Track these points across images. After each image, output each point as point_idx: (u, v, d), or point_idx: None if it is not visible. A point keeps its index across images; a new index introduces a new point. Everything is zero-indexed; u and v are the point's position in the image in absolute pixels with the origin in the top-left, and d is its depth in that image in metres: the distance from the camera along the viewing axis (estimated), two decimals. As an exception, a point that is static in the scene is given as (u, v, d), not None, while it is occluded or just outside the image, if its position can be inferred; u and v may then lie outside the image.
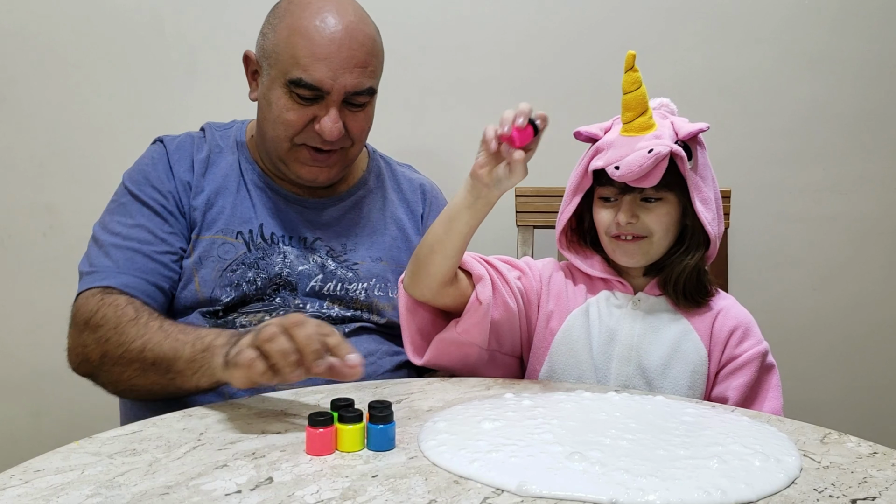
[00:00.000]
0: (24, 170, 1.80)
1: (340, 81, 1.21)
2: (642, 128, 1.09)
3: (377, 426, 0.83)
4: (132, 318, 1.11)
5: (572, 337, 1.16)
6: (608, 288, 1.19)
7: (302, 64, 1.20)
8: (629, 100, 1.09)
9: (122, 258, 1.20)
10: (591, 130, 1.17)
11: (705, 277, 1.16)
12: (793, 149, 1.76)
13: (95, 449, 0.83)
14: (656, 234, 1.12)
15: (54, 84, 1.77)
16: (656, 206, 1.12)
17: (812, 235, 1.78)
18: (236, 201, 1.29)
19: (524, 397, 0.98)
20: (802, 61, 1.74)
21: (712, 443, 0.83)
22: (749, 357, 1.12)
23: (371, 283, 1.31)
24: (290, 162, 1.28)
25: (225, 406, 0.98)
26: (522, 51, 1.75)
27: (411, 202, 1.42)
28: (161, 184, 1.27)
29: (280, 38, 1.23)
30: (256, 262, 1.26)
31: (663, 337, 1.14)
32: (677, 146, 1.08)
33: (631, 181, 1.08)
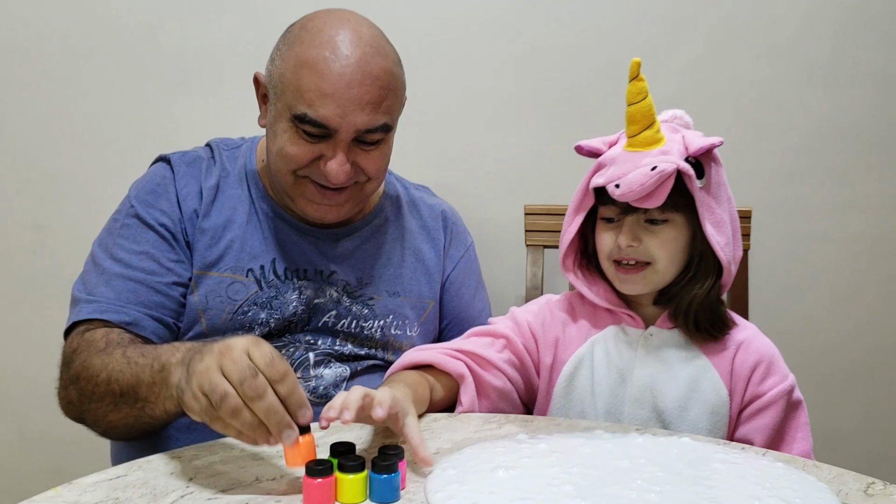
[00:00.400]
0: (12, 187, 1.75)
1: (349, 120, 1.10)
2: (648, 142, 1.00)
3: (380, 476, 0.76)
4: (101, 348, 1.03)
5: (573, 384, 1.08)
6: (616, 321, 1.10)
7: (307, 99, 1.09)
8: (634, 112, 1.00)
9: (126, 290, 1.11)
10: (592, 145, 1.07)
11: (721, 308, 1.07)
12: (812, 166, 1.70)
13: (75, 497, 0.77)
14: (660, 262, 1.03)
15: (43, 98, 1.72)
16: (662, 229, 1.02)
17: (834, 256, 1.71)
18: (245, 235, 1.19)
19: (539, 439, 0.91)
20: (820, 75, 1.68)
21: (748, 496, 0.76)
22: (774, 396, 1.04)
23: (388, 320, 1.23)
24: (296, 197, 1.17)
25: (216, 446, 0.91)
26: (530, 62, 1.68)
27: (433, 230, 1.33)
28: (169, 207, 1.18)
29: (287, 68, 1.12)
30: (269, 301, 1.17)
31: (679, 375, 1.05)
32: (686, 163, 0.99)
33: (632, 201, 0.99)
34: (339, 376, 1.19)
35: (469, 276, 1.36)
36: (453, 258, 1.34)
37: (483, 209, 1.70)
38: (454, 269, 1.33)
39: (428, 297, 1.29)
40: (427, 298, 1.29)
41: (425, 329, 1.29)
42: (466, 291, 1.35)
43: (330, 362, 1.19)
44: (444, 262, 1.32)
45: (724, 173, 1.07)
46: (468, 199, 1.70)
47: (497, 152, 1.70)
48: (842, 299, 1.72)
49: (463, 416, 1.04)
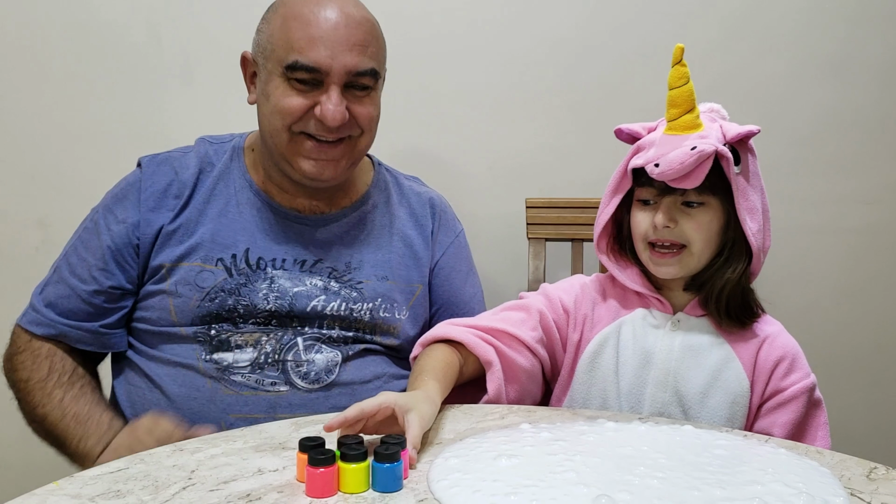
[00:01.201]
0: (16, 183, 1.74)
1: (340, 60, 1.14)
2: (688, 126, 1.01)
3: (383, 465, 0.76)
4: (42, 378, 1.18)
5: (597, 362, 1.09)
6: (644, 305, 1.11)
7: (297, 47, 1.14)
8: (675, 96, 1.01)
9: (63, 295, 1.21)
10: (633, 128, 1.09)
11: (751, 296, 1.08)
12: (815, 158, 1.69)
13: (76, 490, 0.76)
14: (696, 244, 1.04)
15: (47, 95, 1.72)
16: (698, 211, 1.03)
17: (837, 248, 1.71)
18: (219, 226, 1.22)
19: (542, 428, 0.91)
20: (824, 66, 1.67)
21: (751, 481, 0.76)
22: (796, 391, 1.05)
23: (376, 303, 1.24)
24: (292, 156, 1.19)
25: (219, 438, 0.91)
26: (533, 56, 1.68)
27: (420, 217, 1.34)
28: (124, 212, 1.22)
29: (274, 28, 1.17)
30: (237, 288, 1.19)
31: (704, 362, 1.06)
32: (724, 147, 1.00)
33: (671, 180, 1.00)
34: (331, 361, 1.19)
35: (459, 262, 1.37)
36: (442, 244, 1.35)
37: (485, 203, 1.70)
38: (443, 254, 1.35)
39: (416, 281, 1.30)
40: (415, 283, 1.30)
41: (415, 313, 1.29)
42: (457, 277, 1.36)
43: (320, 347, 1.20)
44: (433, 247, 1.34)
45: (758, 165, 1.08)
46: (470, 193, 1.70)
47: (499, 146, 1.70)
48: (844, 291, 1.72)
49: (465, 408, 1.04)
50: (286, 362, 1.18)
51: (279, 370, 1.17)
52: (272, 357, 1.17)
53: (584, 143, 1.68)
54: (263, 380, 1.17)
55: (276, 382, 1.17)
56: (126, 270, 1.22)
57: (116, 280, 1.21)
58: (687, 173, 0.98)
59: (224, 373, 1.16)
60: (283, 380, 1.17)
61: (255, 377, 1.17)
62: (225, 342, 1.17)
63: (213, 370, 1.16)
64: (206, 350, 1.17)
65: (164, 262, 1.20)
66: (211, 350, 1.17)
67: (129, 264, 1.22)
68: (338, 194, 1.29)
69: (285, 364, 1.17)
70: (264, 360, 1.17)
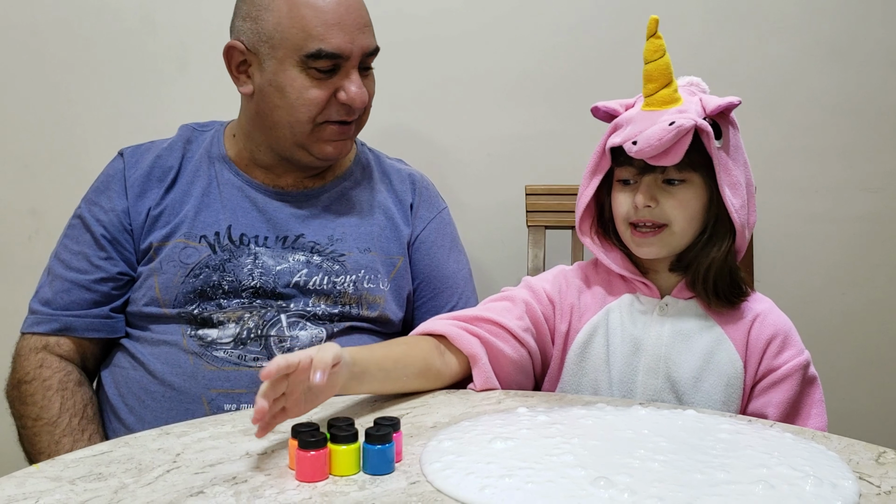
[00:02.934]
0: (9, 172, 1.73)
1: (358, 43, 1.16)
2: (666, 101, 0.97)
3: (374, 447, 0.73)
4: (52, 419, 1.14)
5: (587, 352, 1.06)
6: (631, 290, 1.07)
7: (316, 34, 1.14)
8: (651, 69, 0.98)
9: (62, 290, 1.21)
10: (609, 106, 1.05)
11: (738, 275, 1.04)
12: (818, 145, 1.67)
13: (56, 473, 0.74)
14: (677, 223, 1.00)
15: (40, 82, 1.70)
16: (679, 189, 1.00)
17: (840, 235, 1.68)
18: (202, 205, 1.22)
19: (539, 412, 0.88)
20: (827, 52, 1.64)
21: (756, 464, 0.73)
22: (790, 369, 1.01)
23: (360, 274, 1.23)
24: (313, 144, 1.21)
25: (207, 423, 0.89)
26: (531, 41, 1.66)
27: (400, 192, 1.34)
28: (110, 202, 1.23)
29: (281, 16, 1.15)
30: (222, 264, 1.19)
31: (694, 346, 1.02)
32: (703, 121, 0.96)
33: (650, 158, 0.96)
34: (315, 337, 1.18)
35: (442, 237, 1.35)
36: (423, 219, 1.34)
37: (484, 190, 1.68)
38: (424, 229, 1.33)
39: (397, 253, 1.29)
40: (396, 255, 1.29)
41: (397, 284, 1.28)
42: (439, 252, 1.34)
43: (304, 324, 1.19)
44: (413, 221, 1.33)
45: (741, 137, 1.05)
46: (469, 181, 1.68)
47: (498, 133, 1.68)
48: (846, 278, 1.69)
49: (461, 392, 1.01)
50: (269, 338, 1.16)
51: (262, 346, 1.16)
52: (255, 332, 1.17)
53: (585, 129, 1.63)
54: (246, 355, 1.16)
55: (258, 358, 1.16)
56: (125, 256, 1.22)
57: (121, 266, 1.22)
58: (666, 150, 0.94)
59: (207, 348, 1.16)
60: (266, 355, 1.16)
61: (237, 353, 1.16)
62: (208, 319, 1.17)
63: (195, 346, 1.16)
64: (192, 327, 1.17)
65: (151, 243, 1.20)
66: (196, 326, 1.17)
67: (127, 250, 1.22)
68: (326, 171, 1.29)
69: (268, 339, 1.16)
70: (247, 336, 1.16)
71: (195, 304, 1.17)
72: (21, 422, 1.18)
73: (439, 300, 1.33)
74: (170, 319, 1.18)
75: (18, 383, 1.18)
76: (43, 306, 1.21)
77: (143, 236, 1.21)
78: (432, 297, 1.33)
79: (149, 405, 1.15)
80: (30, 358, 1.18)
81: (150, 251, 1.20)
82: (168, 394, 1.14)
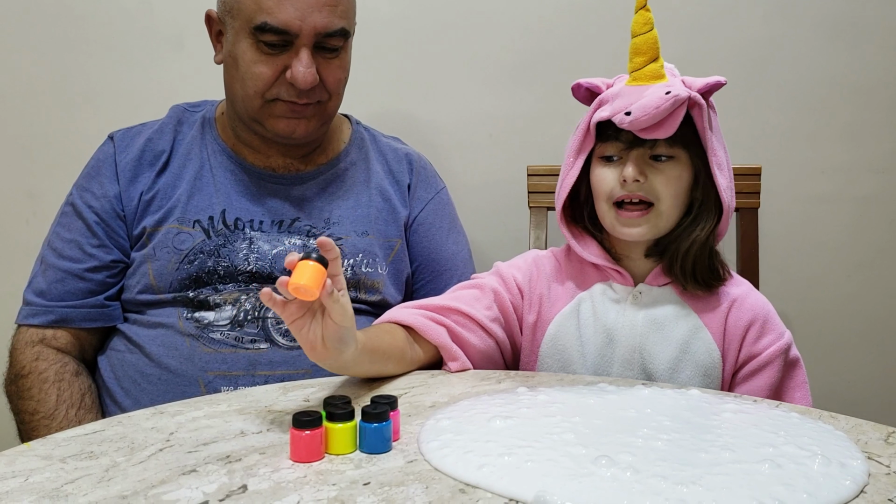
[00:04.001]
0: (6, 155, 1.71)
1: (309, 21, 1.11)
2: (653, 76, 0.95)
3: (371, 425, 0.72)
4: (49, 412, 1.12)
5: (560, 345, 1.03)
6: (603, 279, 1.04)
7: (265, 7, 1.10)
8: (640, 43, 0.95)
9: (56, 279, 1.19)
10: (593, 82, 1.02)
11: (718, 258, 1.01)
12: (824, 125, 1.64)
13: (47, 452, 0.72)
14: (664, 201, 0.97)
15: (35, 63, 1.68)
16: (667, 165, 0.97)
17: (847, 217, 1.66)
18: (194, 189, 1.20)
19: (540, 392, 0.86)
20: (833, 32, 1.62)
21: (762, 443, 0.72)
22: (771, 354, 0.99)
23: (357, 258, 1.21)
24: (265, 119, 1.18)
25: (202, 402, 0.87)
26: (531, 21, 1.63)
27: (396, 172, 1.31)
28: (101, 188, 1.20)
29: None
30: (217, 249, 1.17)
31: (670, 335, 0.99)
32: (697, 94, 0.94)
33: (642, 130, 0.93)
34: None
35: (441, 218, 1.33)
36: (421, 199, 1.32)
37: (485, 171, 1.66)
38: (422, 210, 1.31)
39: (394, 236, 1.28)
40: (394, 238, 1.27)
41: (395, 268, 1.27)
42: (437, 233, 1.32)
43: None
44: (411, 203, 1.31)
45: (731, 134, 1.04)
46: (470, 161, 1.66)
47: (499, 113, 1.65)
48: (854, 259, 1.67)
49: (461, 373, 1.00)
50: (266, 319, 1.15)
51: (259, 327, 1.15)
52: (252, 314, 1.15)
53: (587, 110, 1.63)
54: (243, 337, 1.14)
55: (255, 340, 1.14)
56: (119, 243, 1.20)
57: (115, 254, 1.20)
58: (660, 121, 0.91)
59: (203, 331, 1.14)
60: (263, 337, 1.15)
61: (234, 334, 1.14)
62: (205, 302, 1.15)
63: (192, 328, 1.14)
64: (188, 310, 1.15)
65: (145, 228, 1.18)
66: (192, 309, 1.15)
67: (120, 236, 1.20)
68: (314, 152, 1.27)
69: (265, 321, 1.15)
70: (244, 318, 1.15)
71: (190, 288, 1.16)
72: (20, 417, 1.16)
73: (438, 282, 1.31)
74: (166, 303, 1.16)
75: (15, 377, 1.17)
76: (37, 297, 1.19)
77: (135, 221, 1.19)
78: (431, 280, 1.31)
79: (145, 388, 1.14)
80: (26, 351, 1.17)
81: (143, 236, 1.18)
82: (164, 376, 1.13)
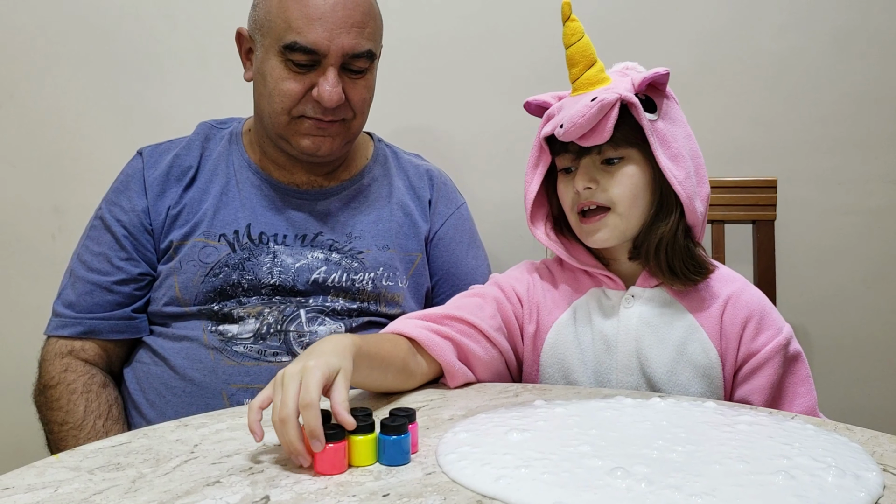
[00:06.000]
0: (32, 171, 1.75)
1: (337, 42, 1.14)
2: (593, 82, 0.96)
3: (390, 437, 0.73)
4: (77, 422, 1.15)
5: (559, 353, 1.03)
6: (596, 284, 1.04)
7: (295, 27, 1.13)
8: (573, 53, 0.97)
9: (84, 292, 1.21)
10: (541, 98, 1.04)
11: (697, 250, 1.01)
12: (840, 136, 1.64)
13: (75, 463, 0.75)
14: (621, 203, 0.98)
15: (61, 83, 1.72)
16: (618, 168, 0.98)
17: (864, 228, 1.65)
18: (221, 203, 1.23)
19: (557, 404, 0.88)
20: (848, 42, 1.62)
21: (776, 455, 0.72)
22: (770, 351, 0.98)
23: (378, 272, 1.23)
24: (291, 136, 1.20)
25: (225, 414, 0.89)
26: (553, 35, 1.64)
27: (418, 188, 1.34)
28: (130, 202, 1.23)
29: (271, 5, 1.17)
30: (241, 262, 1.20)
31: (666, 337, 0.99)
32: (628, 94, 0.94)
33: (578, 139, 0.94)
34: (334, 332, 1.18)
35: (460, 233, 1.35)
36: (442, 214, 1.34)
37: (502, 185, 1.67)
38: (443, 225, 1.33)
39: (415, 250, 1.30)
40: (414, 252, 1.29)
41: (415, 282, 1.29)
42: (458, 248, 1.34)
43: (323, 319, 1.19)
44: (432, 217, 1.33)
45: (681, 111, 1.03)
46: (486, 176, 1.67)
47: (514, 127, 1.66)
48: (872, 271, 1.66)
49: (479, 386, 1.01)
50: (288, 332, 1.17)
51: (281, 340, 1.17)
52: (274, 328, 1.17)
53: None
54: (265, 350, 1.16)
55: (277, 353, 1.16)
56: (146, 256, 1.23)
57: (143, 267, 1.22)
58: (593, 128, 0.93)
59: (227, 344, 1.16)
60: (286, 350, 1.16)
61: (256, 347, 1.16)
62: (229, 315, 1.17)
63: (216, 341, 1.16)
64: (212, 323, 1.18)
65: (171, 241, 1.21)
66: (216, 322, 1.18)
67: (147, 250, 1.23)
68: (338, 169, 1.29)
69: (287, 334, 1.16)
70: (266, 331, 1.17)
71: (215, 301, 1.18)
72: (48, 427, 1.19)
73: None
74: (190, 316, 1.19)
75: (44, 388, 1.19)
76: (66, 308, 1.22)
77: (163, 235, 1.22)
78: (451, 294, 1.32)
79: (170, 400, 1.16)
80: (55, 363, 1.19)
81: (169, 250, 1.21)
82: (188, 389, 1.15)
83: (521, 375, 1.09)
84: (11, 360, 1.78)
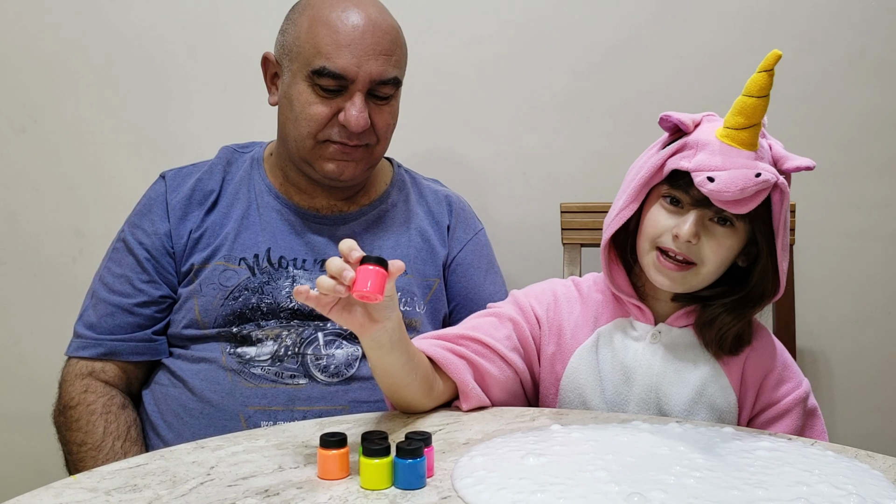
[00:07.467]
0: (54, 195, 1.76)
1: (365, 69, 1.16)
2: (745, 143, 0.91)
3: (405, 461, 0.73)
4: (96, 443, 1.16)
5: (580, 379, 1.02)
6: (623, 313, 1.02)
7: (324, 52, 1.15)
8: (749, 105, 0.91)
9: (106, 313, 1.22)
10: (681, 119, 0.96)
11: (749, 328, 1.00)
12: (859, 160, 1.63)
13: (93, 484, 0.75)
14: (707, 265, 0.95)
15: (83, 106, 1.74)
16: (724, 231, 0.94)
17: (883, 253, 1.64)
18: (241, 227, 1.24)
19: (573, 429, 0.87)
20: (866, 67, 1.61)
21: (795, 482, 0.72)
22: (790, 403, 0.99)
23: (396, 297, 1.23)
24: (315, 160, 1.21)
25: (241, 437, 0.89)
26: (564, 60, 1.65)
27: (436, 213, 1.34)
28: (153, 225, 1.24)
29: (301, 31, 1.19)
30: (261, 286, 1.21)
31: (687, 377, 0.99)
32: (783, 179, 0.92)
33: (721, 202, 0.90)
34: (352, 356, 1.19)
35: (479, 259, 1.36)
36: (460, 240, 1.34)
37: (519, 208, 1.67)
38: (461, 250, 1.34)
39: (433, 275, 1.30)
40: (432, 277, 1.30)
41: (433, 307, 1.29)
42: (476, 274, 1.34)
43: (341, 342, 1.19)
44: (450, 243, 1.33)
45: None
46: (504, 199, 1.68)
47: (532, 151, 1.68)
48: (892, 297, 1.64)
49: (495, 410, 1.01)
50: (305, 355, 1.17)
51: (298, 363, 1.17)
52: (292, 350, 1.17)
53: (620, 147, 1.63)
54: (283, 372, 1.16)
55: (295, 375, 1.16)
56: (168, 279, 1.24)
57: (164, 290, 1.23)
58: (743, 199, 0.89)
59: (245, 366, 1.17)
60: (303, 372, 1.17)
61: (274, 370, 1.16)
62: (247, 337, 1.18)
63: (234, 363, 1.17)
64: (231, 345, 1.18)
65: (193, 265, 1.22)
66: (235, 344, 1.18)
67: (169, 273, 1.24)
68: (357, 194, 1.30)
69: (304, 357, 1.17)
70: (284, 353, 1.17)
71: (234, 324, 1.19)
72: (67, 447, 1.19)
73: None
74: (209, 339, 1.19)
75: (64, 409, 1.20)
76: (87, 330, 1.23)
77: (184, 258, 1.23)
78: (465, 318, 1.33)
79: (187, 422, 1.16)
80: (75, 383, 1.20)
81: (190, 273, 1.22)
82: (206, 410, 1.16)
83: (536, 395, 1.08)
84: (33, 380, 1.79)
